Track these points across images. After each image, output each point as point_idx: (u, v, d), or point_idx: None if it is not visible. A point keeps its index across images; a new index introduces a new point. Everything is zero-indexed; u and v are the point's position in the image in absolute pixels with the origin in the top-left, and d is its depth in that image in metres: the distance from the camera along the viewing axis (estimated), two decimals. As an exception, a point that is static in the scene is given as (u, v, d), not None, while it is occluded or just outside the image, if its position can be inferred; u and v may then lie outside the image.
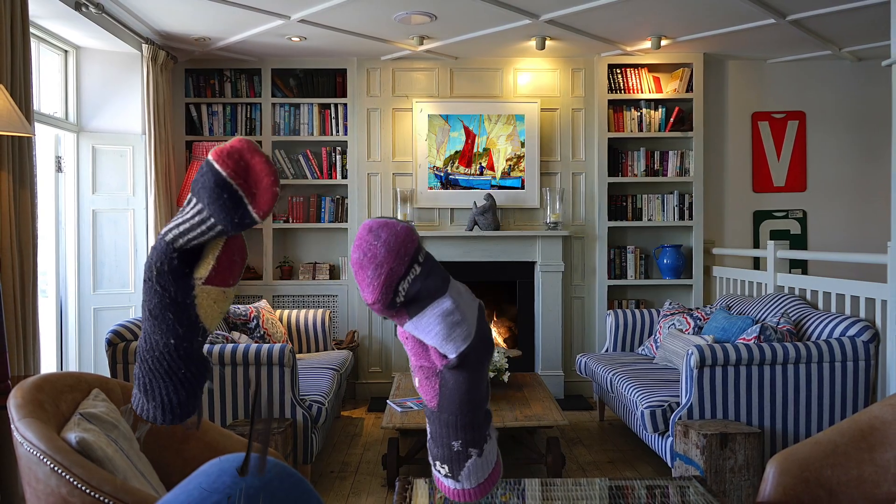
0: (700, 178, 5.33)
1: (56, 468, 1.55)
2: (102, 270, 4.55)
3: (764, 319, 3.81)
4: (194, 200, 0.89)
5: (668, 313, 4.50)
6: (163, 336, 0.93)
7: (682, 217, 5.35)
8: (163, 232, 0.93)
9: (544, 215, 5.35)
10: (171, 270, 0.92)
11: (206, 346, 3.32)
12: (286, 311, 4.94)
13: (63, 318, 4.45)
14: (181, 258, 0.92)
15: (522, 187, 5.34)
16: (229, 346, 3.40)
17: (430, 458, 1.05)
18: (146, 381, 0.96)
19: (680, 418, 3.22)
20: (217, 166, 0.86)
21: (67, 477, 1.55)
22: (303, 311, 4.94)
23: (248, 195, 0.87)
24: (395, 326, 0.99)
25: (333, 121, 5.40)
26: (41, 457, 1.57)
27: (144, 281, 0.94)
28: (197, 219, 0.89)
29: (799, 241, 5.51)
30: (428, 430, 1.04)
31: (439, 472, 1.03)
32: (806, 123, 5.53)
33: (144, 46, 4.56)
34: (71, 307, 4.46)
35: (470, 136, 5.33)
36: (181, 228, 0.91)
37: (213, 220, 0.88)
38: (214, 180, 0.86)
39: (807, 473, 2.01)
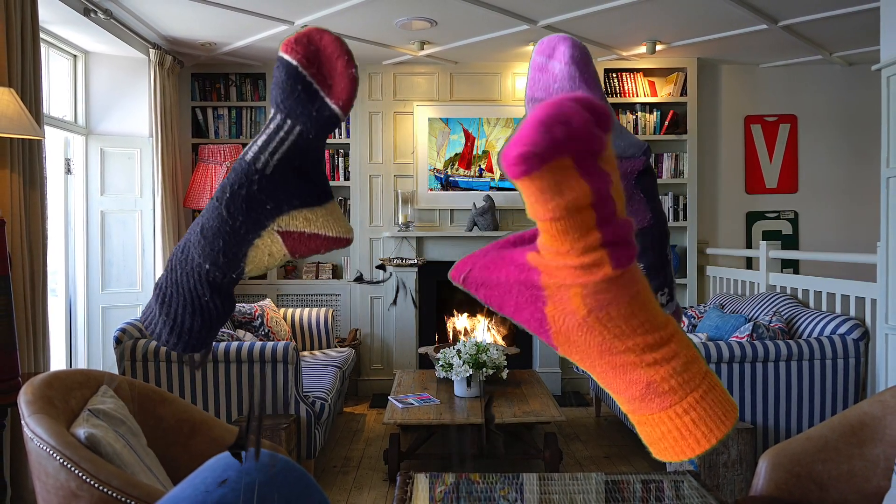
0: (694, 180, 5.41)
1: (65, 463, 1.58)
2: (111, 270, 4.62)
3: (756, 318, 3.85)
4: (272, 111, 0.81)
5: (663, 312, 4.56)
6: (200, 256, 0.83)
7: (676, 218, 5.44)
8: (242, 153, 0.83)
9: (542, 216, 5.42)
10: (249, 197, 0.80)
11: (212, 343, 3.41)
12: (290, 310, 5.02)
13: (72, 316, 4.52)
14: (262, 186, 0.81)
15: (521, 189, 5.42)
16: (234, 344, 3.46)
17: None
18: (170, 291, 0.86)
19: (674, 414, 3.28)
20: (287, 57, 0.77)
21: (76, 472, 1.58)
22: (306, 310, 5.01)
23: (323, 86, 0.78)
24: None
25: (335, 124, 5.47)
26: (51, 452, 1.60)
27: (212, 199, 0.83)
28: (273, 125, 0.80)
29: (790, 242, 5.58)
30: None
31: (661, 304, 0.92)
32: (797, 126, 5.61)
33: (152, 51, 4.64)
34: (80, 306, 4.54)
35: (469, 139, 5.42)
36: (260, 142, 0.81)
37: (290, 120, 0.79)
38: (286, 73, 0.77)
39: (798, 468, 2.04)
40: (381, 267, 5.39)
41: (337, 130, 5.46)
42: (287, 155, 0.81)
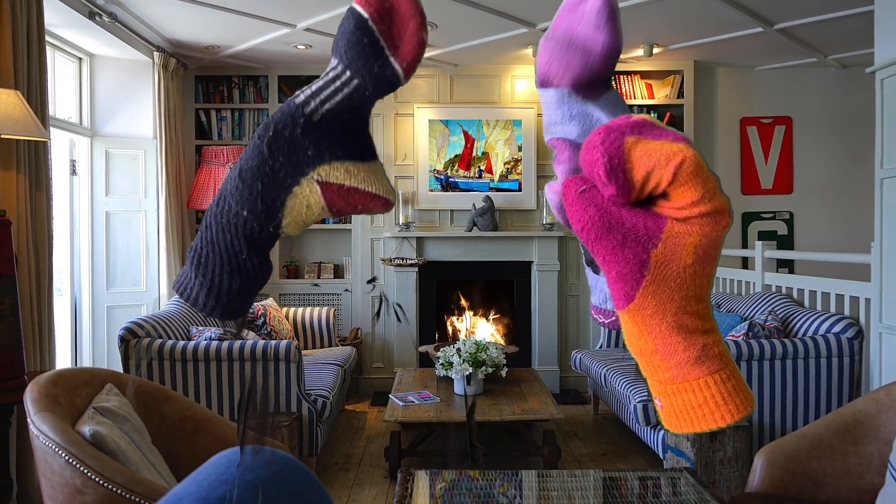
0: (692, 181, 5.45)
1: (70, 460, 1.60)
2: (115, 270, 4.67)
3: (752, 317, 3.85)
4: (333, 60, 0.79)
5: (661, 311, 4.58)
6: (238, 203, 0.79)
7: (674, 219, 5.47)
8: (293, 95, 0.81)
9: (541, 216, 5.48)
10: (292, 139, 0.78)
11: (214, 343, 3.45)
12: (292, 309, 5.07)
13: (77, 315, 4.56)
14: (307, 131, 0.79)
15: (520, 189, 5.48)
16: (238, 343, 3.49)
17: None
18: (205, 250, 0.82)
19: (670, 411, 3.32)
20: (359, 8, 0.76)
21: (81, 468, 1.59)
22: (308, 309, 5.06)
23: (390, 45, 0.76)
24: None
25: (337, 125, 5.52)
26: (56, 449, 1.61)
27: (253, 138, 0.80)
28: (332, 74, 0.78)
29: (786, 242, 5.63)
30: None
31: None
32: (793, 128, 5.66)
33: (156, 54, 4.69)
34: (85, 305, 4.57)
35: (469, 141, 5.47)
36: (314, 88, 0.79)
37: (349, 72, 0.77)
38: (354, 23, 0.76)
39: (793, 465, 2.07)
40: (372, 281, 5.48)
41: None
42: (338, 106, 0.79)
